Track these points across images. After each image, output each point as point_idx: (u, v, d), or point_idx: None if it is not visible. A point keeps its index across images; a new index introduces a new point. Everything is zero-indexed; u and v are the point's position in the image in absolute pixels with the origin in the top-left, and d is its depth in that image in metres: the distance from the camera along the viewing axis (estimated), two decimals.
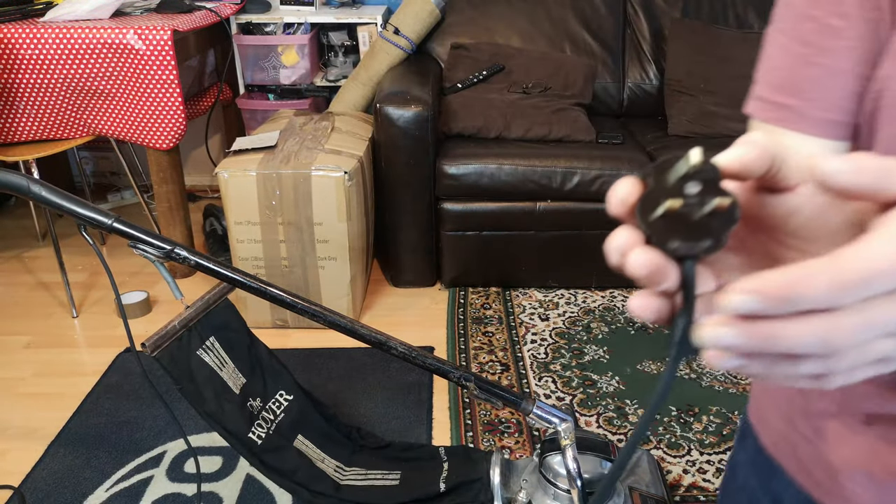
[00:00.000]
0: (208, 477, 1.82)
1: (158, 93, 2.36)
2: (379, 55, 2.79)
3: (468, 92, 2.74)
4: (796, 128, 0.58)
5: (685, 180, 0.33)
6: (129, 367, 2.22)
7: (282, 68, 2.97)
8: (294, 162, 2.24)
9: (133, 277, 2.68)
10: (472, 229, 2.53)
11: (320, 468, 1.71)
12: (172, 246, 1.41)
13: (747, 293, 0.30)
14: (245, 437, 1.62)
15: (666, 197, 0.33)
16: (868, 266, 0.30)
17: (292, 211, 2.25)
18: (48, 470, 1.84)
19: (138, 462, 1.86)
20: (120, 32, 2.29)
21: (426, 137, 2.42)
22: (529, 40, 2.91)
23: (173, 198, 2.58)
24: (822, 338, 0.31)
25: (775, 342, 0.31)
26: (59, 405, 2.07)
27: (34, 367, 2.27)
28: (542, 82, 2.75)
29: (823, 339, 0.31)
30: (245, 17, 2.90)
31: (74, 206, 1.39)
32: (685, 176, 0.33)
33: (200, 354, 1.61)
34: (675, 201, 0.32)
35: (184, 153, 3.29)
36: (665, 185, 0.33)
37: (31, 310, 2.57)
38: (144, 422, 2.00)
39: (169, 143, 2.44)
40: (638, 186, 0.34)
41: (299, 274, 2.34)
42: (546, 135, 2.58)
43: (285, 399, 1.76)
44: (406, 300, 2.60)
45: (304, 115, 2.67)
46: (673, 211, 0.32)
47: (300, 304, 1.49)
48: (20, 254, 2.94)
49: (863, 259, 0.31)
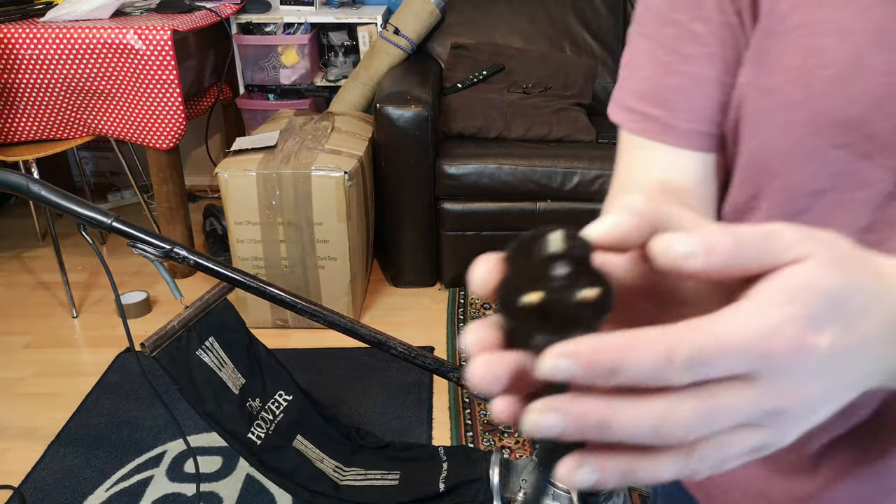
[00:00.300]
0: (208, 477, 1.82)
1: (158, 93, 2.36)
2: (379, 55, 2.78)
3: (468, 92, 2.74)
4: (662, 139, 0.57)
5: (551, 261, 0.28)
6: (129, 367, 2.22)
7: (282, 68, 2.96)
8: (294, 162, 2.23)
9: (133, 277, 2.67)
10: (472, 229, 2.52)
11: (320, 468, 1.71)
12: (172, 246, 1.41)
13: (561, 356, 0.27)
14: (244, 438, 1.62)
15: (528, 283, 0.28)
16: (709, 341, 0.27)
17: (292, 211, 2.25)
18: (48, 470, 1.84)
19: (138, 462, 1.86)
20: (120, 32, 2.29)
21: (426, 137, 2.42)
22: (529, 40, 2.91)
23: (173, 198, 2.58)
24: (654, 425, 0.28)
25: (603, 427, 0.28)
26: (59, 405, 2.07)
27: (34, 367, 2.27)
28: (543, 82, 2.74)
29: (656, 426, 0.28)
30: (245, 17, 2.89)
31: (74, 205, 1.39)
32: (550, 257, 0.28)
33: (200, 354, 1.61)
34: (535, 295, 0.28)
35: (184, 153, 3.29)
36: (529, 268, 0.29)
37: (31, 310, 2.57)
38: (144, 422, 2.00)
39: (169, 142, 2.43)
40: (499, 267, 0.30)
41: (299, 274, 2.34)
42: (546, 135, 2.57)
43: (285, 399, 1.76)
44: (406, 300, 2.59)
45: (304, 115, 2.67)
46: (533, 304, 0.28)
47: (300, 304, 1.48)
48: (20, 254, 2.94)
49: (706, 333, 0.27)
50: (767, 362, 0.28)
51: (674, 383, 0.27)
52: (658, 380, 0.27)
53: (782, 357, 0.28)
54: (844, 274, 0.30)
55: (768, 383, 0.29)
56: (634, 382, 0.27)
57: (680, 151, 0.57)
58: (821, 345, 0.29)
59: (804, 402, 0.30)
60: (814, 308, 0.29)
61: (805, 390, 0.29)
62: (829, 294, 0.29)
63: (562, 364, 0.27)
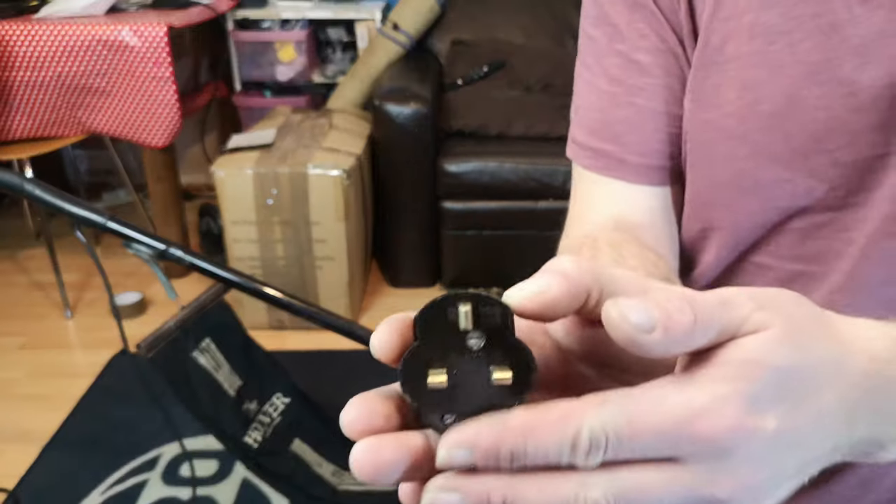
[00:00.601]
0: (204, 481, 1.81)
1: (154, 90, 2.34)
2: (378, 51, 2.76)
3: (469, 89, 2.72)
4: (616, 175, 0.55)
5: (464, 334, 0.25)
6: (124, 368, 2.20)
7: (279, 65, 2.94)
8: (291, 160, 2.22)
9: (128, 278, 2.65)
10: (472, 228, 2.50)
11: (318, 472, 1.69)
12: (167, 245, 1.39)
13: (456, 446, 0.25)
14: (241, 441, 1.60)
15: (436, 360, 0.25)
16: (620, 422, 0.24)
17: (289, 210, 2.23)
18: (43, 473, 1.83)
19: (133, 465, 1.85)
20: (115, 29, 2.27)
21: (426, 135, 2.39)
22: (531, 36, 2.88)
23: (168, 197, 2.57)
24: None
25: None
26: (53, 407, 2.05)
27: (28, 369, 2.25)
28: (545, 79, 2.72)
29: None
30: (242, 14, 2.87)
31: (68, 204, 1.37)
32: (463, 330, 0.25)
33: (196, 356, 1.60)
34: (440, 375, 0.25)
35: (179, 151, 3.26)
36: (437, 340, 0.25)
37: (25, 310, 2.55)
38: (139, 424, 1.98)
39: (164, 141, 2.41)
40: (404, 332, 0.27)
41: (296, 274, 2.32)
42: (548, 132, 2.55)
43: (282, 401, 1.75)
44: (405, 301, 2.57)
45: (301, 113, 2.65)
46: (439, 386, 0.25)
47: (297, 305, 1.47)
48: (14, 253, 2.92)
49: (620, 412, 0.24)
50: (698, 445, 0.25)
51: (582, 467, 0.25)
52: (565, 462, 0.25)
53: (718, 440, 0.25)
54: (800, 347, 0.26)
55: (703, 467, 0.25)
56: (540, 464, 0.25)
57: (633, 186, 0.55)
58: (765, 427, 0.26)
59: (749, 487, 0.26)
60: (759, 386, 0.25)
61: (749, 475, 0.26)
62: (777, 370, 0.26)
63: (458, 454, 0.25)
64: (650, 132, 0.54)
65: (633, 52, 0.53)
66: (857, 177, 0.47)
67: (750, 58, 0.48)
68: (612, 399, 0.25)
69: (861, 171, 0.46)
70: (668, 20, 0.52)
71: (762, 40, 0.47)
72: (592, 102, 0.56)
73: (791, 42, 0.46)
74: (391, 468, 0.26)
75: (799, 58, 0.46)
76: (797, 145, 0.47)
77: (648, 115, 0.54)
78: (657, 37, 0.52)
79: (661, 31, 0.52)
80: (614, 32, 0.54)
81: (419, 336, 0.26)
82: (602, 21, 0.55)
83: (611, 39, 0.54)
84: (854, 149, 0.46)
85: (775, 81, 0.47)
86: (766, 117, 0.47)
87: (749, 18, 0.47)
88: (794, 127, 0.47)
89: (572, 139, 0.59)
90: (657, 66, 0.53)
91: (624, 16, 0.53)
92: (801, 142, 0.47)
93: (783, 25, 0.46)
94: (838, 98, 0.45)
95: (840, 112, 0.45)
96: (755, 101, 0.48)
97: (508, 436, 0.24)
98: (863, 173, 0.46)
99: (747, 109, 0.48)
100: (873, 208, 0.47)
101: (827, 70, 0.45)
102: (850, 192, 0.47)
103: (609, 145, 0.55)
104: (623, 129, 0.55)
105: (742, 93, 0.48)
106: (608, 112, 0.55)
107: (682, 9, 0.51)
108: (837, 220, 0.48)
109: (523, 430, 0.24)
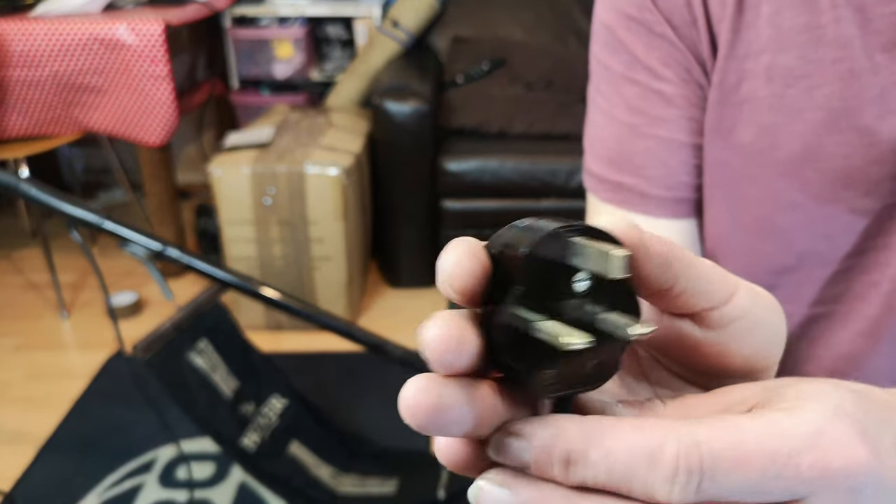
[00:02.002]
0: (201, 483, 1.79)
1: (150, 88, 2.32)
2: (377, 49, 2.75)
3: (469, 86, 2.70)
4: (640, 210, 0.53)
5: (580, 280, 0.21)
6: (120, 369, 2.19)
7: (276, 62, 2.93)
8: (289, 159, 2.20)
9: (124, 278, 2.63)
10: (473, 228, 2.49)
11: (316, 475, 1.68)
12: (163, 245, 1.38)
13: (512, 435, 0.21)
14: (238, 443, 1.59)
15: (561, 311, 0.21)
16: (728, 445, 0.20)
17: (287, 209, 2.21)
18: (39, 475, 1.82)
19: (130, 468, 1.84)
20: (111, 26, 2.26)
21: (425, 133, 2.38)
22: (532, 33, 2.87)
23: (165, 196, 2.55)
24: None
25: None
26: (49, 408, 2.04)
27: (24, 370, 2.23)
28: (546, 76, 2.70)
29: None
30: (239, 11, 2.85)
31: (64, 204, 1.36)
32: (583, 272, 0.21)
33: (192, 357, 1.58)
34: (581, 337, 0.20)
35: (176, 150, 3.25)
36: (547, 285, 0.21)
37: (20, 311, 2.53)
38: (136, 426, 1.97)
39: (160, 139, 2.39)
40: (482, 260, 0.23)
41: (294, 274, 2.30)
42: (550, 130, 2.53)
43: (280, 403, 1.73)
44: (405, 302, 2.55)
45: (299, 111, 2.63)
46: (577, 348, 0.20)
47: (295, 305, 1.46)
48: (9, 253, 2.90)
49: (727, 431, 0.20)
50: (819, 483, 0.20)
51: (662, 499, 0.20)
52: (639, 486, 0.20)
53: (849, 476, 0.21)
54: (858, 390, 0.24)
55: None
56: (601, 482, 0.20)
57: (656, 220, 0.53)
58: (891, 464, 0.22)
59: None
60: (865, 419, 0.22)
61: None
62: (868, 412, 0.22)
63: (513, 444, 0.21)
64: (675, 164, 0.52)
65: (653, 82, 0.51)
66: (877, 223, 0.45)
67: (767, 100, 0.46)
68: (706, 420, 0.21)
69: (881, 217, 0.45)
70: (690, 51, 0.50)
71: (780, 83, 0.45)
72: (611, 132, 0.55)
73: (809, 87, 0.44)
74: (453, 419, 0.21)
75: (818, 103, 0.44)
76: (815, 192, 0.45)
77: (673, 146, 0.52)
78: (680, 67, 0.50)
79: (683, 61, 0.50)
80: (631, 61, 0.52)
81: (516, 275, 0.22)
82: (617, 49, 0.53)
83: (627, 68, 0.52)
84: (872, 198, 0.45)
85: (793, 127, 0.45)
86: (784, 163, 0.46)
87: (766, 59, 0.46)
88: (812, 174, 0.45)
89: (587, 170, 0.57)
90: (680, 96, 0.51)
91: (641, 44, 0.51)
92: (820, 189, 0.45)
93: (801, 69, 0.44)
94: (858, 147, 0.44)
95: (859, 162, 0.44)
96: (772, 147, 0.46)
97: (567, 435, 0.21)
98: (882, 220, 0.45)
99: (764, 155, 0.47)
100: (893, 254, 0.46)
101: (846, 118, 0.43)
102: (870, 236, 0.46)
103: (629, 177, 0.53)
104: (645, 160, 0.53)
105: (759, 136, 0.47)
106: (627, 143, 0.53)
107: (703, 41, 0.49)
108: (858, 265, 0.47)
109: (586, 432, 0.21)
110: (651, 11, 0.50)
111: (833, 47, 0.43)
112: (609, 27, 0.53)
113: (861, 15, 0.42)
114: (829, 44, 0.43)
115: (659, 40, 0.50)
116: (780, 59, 0.45)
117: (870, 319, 0.47)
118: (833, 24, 0.43)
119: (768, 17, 0.45)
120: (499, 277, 0.22)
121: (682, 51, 0.50)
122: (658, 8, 0.49)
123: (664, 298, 0.24)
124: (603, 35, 0.54)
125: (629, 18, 0.51)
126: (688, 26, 0.49)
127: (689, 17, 0.49)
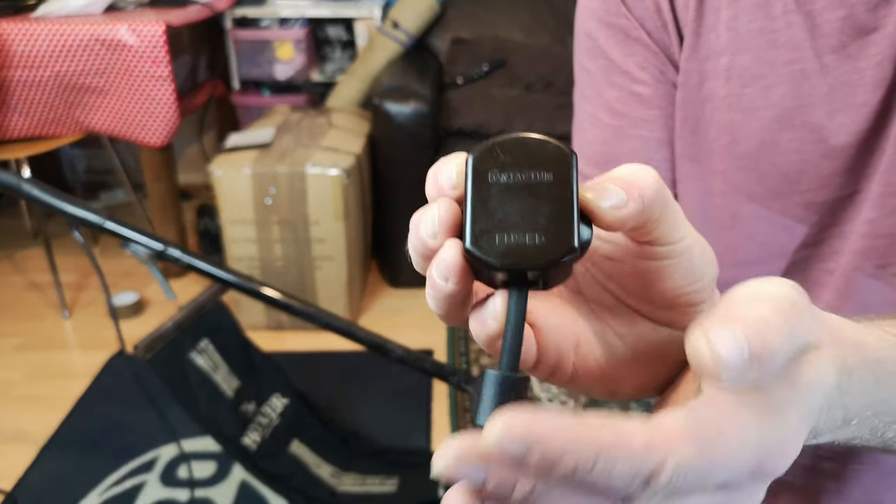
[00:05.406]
0: (202, 482, 1.79)
1: (151, 89, 2.32)
2: (377, 50, 2.75)
3: (469, 87, 2.70)
4: None
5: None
6: (122, 369, 2.19)
7: (277, 63, 2.93)
8: (290, 159, 2.20)
9: (125, 278, 2.64)
10: None
11: (316, 474, 1.68)
12: (165, 245, 1.38)
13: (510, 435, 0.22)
14: (239, 442, 1.59)
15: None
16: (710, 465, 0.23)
17: (288, 210, 2.22)
18: (41, 474, 1.82)
19: (131, 467, 1.84)
20: (113, 27, 2.26)
21: (425, 134, 2.38)
22: (532, 34, 2.87)
23: (166, 196, 2.55)
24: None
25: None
26: (50, 408, 2.04)
27: (25, 369, 2.24)
28: (545, 77, 2.71)
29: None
30: (240, 12, 2.86)
31: (66, 204, 1.36)
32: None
33: (193, 357, 1.59)
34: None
35: (177, 150, 3.25)
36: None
37: (22, 311, 2.53)
38: (137, 425, 1.97)
39: (162, 140, 2.40)
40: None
41: (295, 274, 2.31)
42: (549, 131, 2.52)
43: (281, 402, 1.74)
44: (405, 302, 2.56)
45: (299, 112, 2.64)
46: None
47: (296, 305, 1.46)
48: (11, 253, 2.90)
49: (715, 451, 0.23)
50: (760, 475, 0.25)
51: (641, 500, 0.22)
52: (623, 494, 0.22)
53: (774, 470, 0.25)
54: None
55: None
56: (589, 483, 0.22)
57: None
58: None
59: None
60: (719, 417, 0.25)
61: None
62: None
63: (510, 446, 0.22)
64: (658, 161, 0.55)
65: (632, 85, 0.54)
66: (830, 214, 0.48)
67: (726, 99, 0.49)
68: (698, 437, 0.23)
69: (833, 209, 0.48)
70: (664, 53, 0.53)
71: (738, 83, 0.48)
72: (595, 135, 0.57)
73: (765, 86, 0.47)
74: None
75: (772, 102, 0.47)
76: (771, 185, 0.48)
77: (654, 145, 0.54)
78: (655, 69, 0.53)
79: (658, 63, 0.53)
80: (610, 66, 0.54)
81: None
82: (597, 54, 0.55)
83: (607, 72, 0.55)
84: (825, 190, 0.47)
85: (750, 124, 0.48)
86: (742, 157, 0.49)
87: (725, 61, 0.48)
88: (768, 168, 0.48)
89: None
90: (657, 97, 0.53)
91: (618, 49, 0.54)
92: (775, 182, 0.48)
93: (757, 70, 0.47)
94: (810, 143, 0.46)
95: (812, 156, 0.47)
96: (732, 142, 0.49)
97: (579, 446, 0.21)
98: (835, 211, 0.48)
99: (725, 149, 0.49)
100: (845, 242, 0.48)
101: (799, 115, 0.46)
102: (824, 227, 0.49)
103: None
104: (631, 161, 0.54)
105: (719, 133, 0.50)
106: (612, 144, 0.56)
107: (673, 44, 0.52)
108: (814, 254, 0.50)
109: (598, 444, 0.21)
110: (626, 18, 0.52)
111: (786, 50, 0.46)
112: (589, 34, 0.55)
113: (810, 20, 0.45)
114: (782, 46, 0.46)
115: (635, 45, 0.53)
116: (737, 61, 0.48)
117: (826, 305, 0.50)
118: (785, 28, 0.46)
119: (727, 21, 0.48)
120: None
121: (656, 53, 0.53)
122: (632, 14, 0.52)
123: (642, 230, 0.28)
124: (584, 42, 0.56)
125: (607, 25, 0.53)
126: (659, 30, 0.52)
127: (660, 22, 0.52)
